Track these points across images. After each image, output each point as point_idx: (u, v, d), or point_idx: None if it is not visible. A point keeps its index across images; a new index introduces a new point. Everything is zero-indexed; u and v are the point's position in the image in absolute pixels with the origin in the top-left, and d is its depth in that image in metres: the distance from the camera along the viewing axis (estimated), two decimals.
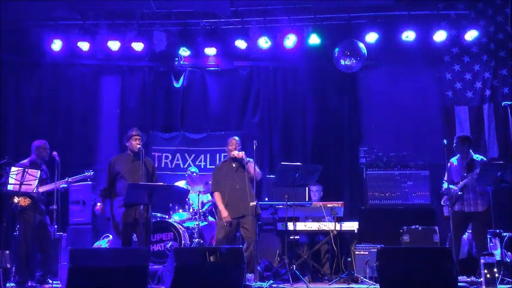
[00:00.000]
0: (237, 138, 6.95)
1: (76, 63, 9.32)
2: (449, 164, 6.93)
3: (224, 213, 6.68)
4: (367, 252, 7.08)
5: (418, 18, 8.49)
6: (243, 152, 6.78)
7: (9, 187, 6.25)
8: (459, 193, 6.63)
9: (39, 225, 6.57)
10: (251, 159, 6.76)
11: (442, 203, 7.01)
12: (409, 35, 8.45)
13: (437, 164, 7.77)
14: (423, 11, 8.50)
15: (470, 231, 7.05)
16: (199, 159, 9.21)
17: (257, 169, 6.78)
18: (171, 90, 9.42)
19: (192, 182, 8.23)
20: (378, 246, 6.59)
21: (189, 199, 7.71)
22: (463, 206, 6.60)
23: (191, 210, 7.81)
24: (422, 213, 7.83)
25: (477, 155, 6.95)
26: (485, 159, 6.96)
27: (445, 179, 6.91)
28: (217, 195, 6.82)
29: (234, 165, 6.82)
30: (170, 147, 9.29)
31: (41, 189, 6.55)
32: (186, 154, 9.27)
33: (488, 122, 8.78)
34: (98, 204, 6.54)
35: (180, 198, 7.05)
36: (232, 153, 6.79)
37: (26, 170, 6.24)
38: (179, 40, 8.96)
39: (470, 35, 8.50)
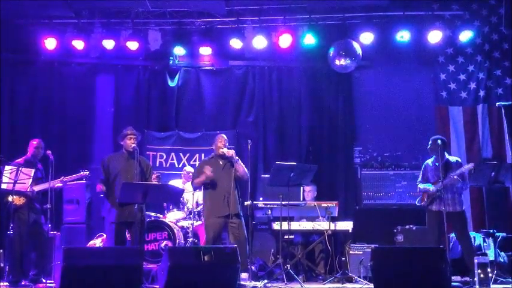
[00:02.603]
0: (224, 136, 6.88)
1: (70, 62, 9.29)
2: (424, 165, 6.97)
3: (206, 171, 6.47)
4: (361, 252, 7.10)
5: (412, 18, 8.50)
6: (233, 151, 6.74)
7: (3, 186, 6.22)
8: (437, 193, 6.65)
9: (33, 224, 6.56)
10: (238, 158, 6.69)
11: (416, 202, 6.99)
12: (403, 35, 8.46)
13: None
14: (418, 12, 8.51)
15: None
16: (194, 158, 9.19)
17: (245, 169, 6.71)
18: (166, 90, 9.41)
19: (187, 182, 8.21)
20: (372, 246, 6.60)
21: (183, 198, 7.71)
22: (441, 206, 6.60)
23: (186, 209, 7.81)
24: (416, 213, 7.82)
25: (452, 157, 6.98)
26: (460, 160, 6.98)
27: (419, 180, 6.95)
28: (196, 179, 6.66)
29: (221, 162, 6.72)
30: (165, 146, 9.28)
31: (36, 188, 6.54)
32: (180, 153, 9.26)
33: (482, 123, 8.81)
34: (99, 186, 6.44)
35: (175, 198, 7.06)
36: (222, 150, 6.68)
37: (20, 168, 6.21)
38: (174, 39, 8.95)
39: (465, 35, 8.53)
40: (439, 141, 6.72)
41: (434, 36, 8.46)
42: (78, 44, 8.74)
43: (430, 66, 9.10)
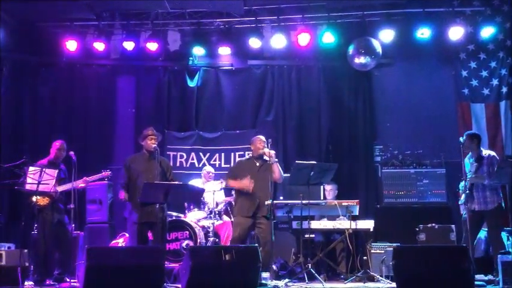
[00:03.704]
0: (262, 137, 6.88)
1: (92, 63, 9.40)
2: (465, 161, 6.90)
3: (246, 182, 6.54)
4: (383, 251, 7.06)
5: (433, 15, 8.42)
6: (274, 151, 6.75)
7: (27, 186, 6.31)
8: (467, 191, 6.59)
9: (57, 224, 6.64)
10: (277, 160, 6.72)
11: (460, 202, 6.96)
12: (424, 32, 8.39)
13: (453, 162, 7.73)
14: (438, 8, 8.43)
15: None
16: (214, 158, 9.23)
17: (281, 171, 6.76)
18: (186, 90, 9.46)
19: (207, 181, 8.25)
20: (394, 244, 6.57)
21: (204, 198, 7.74)
22: (473, 204, 6.55)
23: (206, 209, 7.84)
24: (438, 211, 7.77)
25: (486, 151, 6.91)
26: (493, 153, 6.89)
27: (463, 177, 6.89)
28: (232, 181, 6.74)
29: (257, 163, 6.77)
30: (185, 146, 9.32)
31: (60, 188, 6.62)
32: (200, 153, 9.30)
33: (505, 120, 8.69)
34: (122, 192, 6.52)
35: (195, 197, 7.10)
36: (263, 150, 6.70)
37: (44, 169, 6.30)
38: (193, 39, 9.00)
39: (487, 31, 8.43)
40: (472, 137, 6.69)
41: (455, 33, 8.37)
42: (99, 46, 8.86)
43: (451, 63, 9.00)
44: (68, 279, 6.57)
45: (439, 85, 9.03)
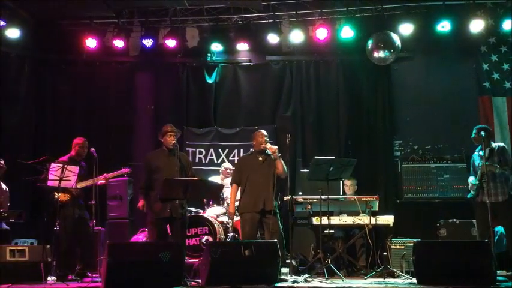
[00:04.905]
0: (264, 131, 6.88)
1: (111, 60, 9.48)
2: (472, 157, 6.84)
3: (232, 208, 6.76)
4: (403, 247, 7.01)
5: (453, 8, 8.32)
6: (277, 147, 6.74)
7: (49, 183, 6.39)
8: (477, 183, 6.51)
9: (78, 220, 6.71)
10: (280, 155, 6.70)
11: (468, 196, 6.89)
12: (444, 26, 8.28)
13: None
14: (458, 1, 8.33)
15: None
16: (233, 154, 9.25)
17: (284, 166, 6.70)
18: (204, 86, 9.49)
19: (225, 178, 8.27)
20: (414, 240, 6.52)
21: (223, 194, 7.77)
22: (484, 196, 6.47)
23: (225, 204, 7.86)
24: (459, 206, 7.68)
25: (497, 143, 6.86)
26: (502, 144, 6.85)
27: (471, 172, 6.83)
28: (233, 188, 6.80)
29: (260, 158, 6.75)
30: (204, 142, 9.36)
31: (80, 185, 6.68)
32: (219, 149, 9.33)
33: None
34: (140, 201, 6.60)
35: (215, 193, 7.11)
36: (265, 145, 6.69)
37: (65, 166, 6.36)
38: (211, 36, 9.03)
39: (508, 24, 8.29)
40: (482, 132, 6.60)
41: (476, 26, 8.27)
42: (119, 43, 8.93)
43: (472, 56, 8.90)
44: (89, 275, 6.64)
45: (460, 79, 8.94)
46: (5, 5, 8.37)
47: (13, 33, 8.61)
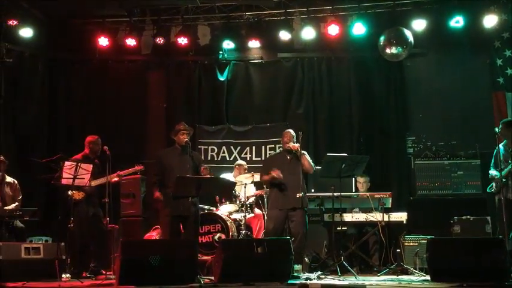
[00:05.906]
0: (291, 131, 6.91)
1: (123, 59, 9.53)
2: (496, 149, 6.76)
3: (273, 173, 6.62)
4: (416, 244, 6.98)
5: (466, 3, 8.24)
6: (298, 145, 6.75)
7: (63, 181, 6.43)
8: (503, 180, 6.45)
9: (92, 217, 6.76)
10: (305, 152, 6.74)
11: (487, 189, 6.82)
12: (458, 21, 8.21)
13: (488, 152, 7.53)
14: None
15: None
16: (245, 151, 9.26)
17: (311, 162, 6.77)
18: (216, 84, 9.51)
19: (239, 175, 8.28)
20: (428, 237, 6.48)
21: (235, 191, 7.78)
22: (509, 193, 6.40)
23: (238, 202, 7.87)
24: (473, 203, 7.63)
25: None
26: None
27: (491, 164, 6.75)
28: (264, 176, 6.81)
29: (288, 157, 6.78)
30: (216, 140, 9.38)
31: (94, 182, 6.72)
32: (231, 147, 9.35)
33: None
34: (156, 192, 6.59)
35: (227, 191, 7.14)
36: (288, 145, 6.74)
37: (79, 164, 6.40)
38: (223, 33, 9.03)
39: None
40: (508, 124, 6.58)
41: (489, 21, 8.19)
42: (131, 42, 8.97)
43: (486, 52, 8.82)
44: (103, 272, 6.68)
45: (473, 74, 8.87)
46: (18, 4, 8.43)
47: (27, 32, 8.68)
